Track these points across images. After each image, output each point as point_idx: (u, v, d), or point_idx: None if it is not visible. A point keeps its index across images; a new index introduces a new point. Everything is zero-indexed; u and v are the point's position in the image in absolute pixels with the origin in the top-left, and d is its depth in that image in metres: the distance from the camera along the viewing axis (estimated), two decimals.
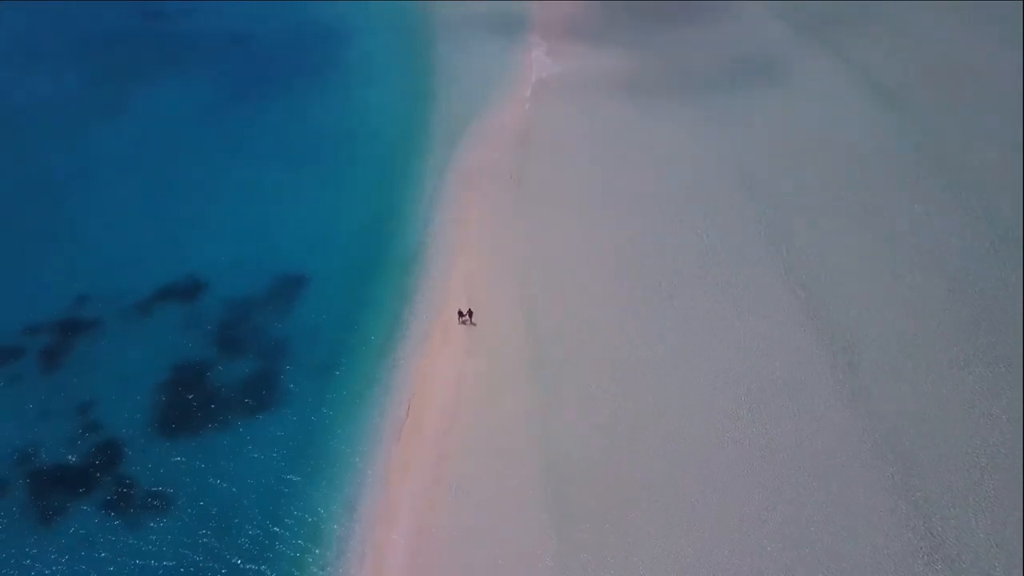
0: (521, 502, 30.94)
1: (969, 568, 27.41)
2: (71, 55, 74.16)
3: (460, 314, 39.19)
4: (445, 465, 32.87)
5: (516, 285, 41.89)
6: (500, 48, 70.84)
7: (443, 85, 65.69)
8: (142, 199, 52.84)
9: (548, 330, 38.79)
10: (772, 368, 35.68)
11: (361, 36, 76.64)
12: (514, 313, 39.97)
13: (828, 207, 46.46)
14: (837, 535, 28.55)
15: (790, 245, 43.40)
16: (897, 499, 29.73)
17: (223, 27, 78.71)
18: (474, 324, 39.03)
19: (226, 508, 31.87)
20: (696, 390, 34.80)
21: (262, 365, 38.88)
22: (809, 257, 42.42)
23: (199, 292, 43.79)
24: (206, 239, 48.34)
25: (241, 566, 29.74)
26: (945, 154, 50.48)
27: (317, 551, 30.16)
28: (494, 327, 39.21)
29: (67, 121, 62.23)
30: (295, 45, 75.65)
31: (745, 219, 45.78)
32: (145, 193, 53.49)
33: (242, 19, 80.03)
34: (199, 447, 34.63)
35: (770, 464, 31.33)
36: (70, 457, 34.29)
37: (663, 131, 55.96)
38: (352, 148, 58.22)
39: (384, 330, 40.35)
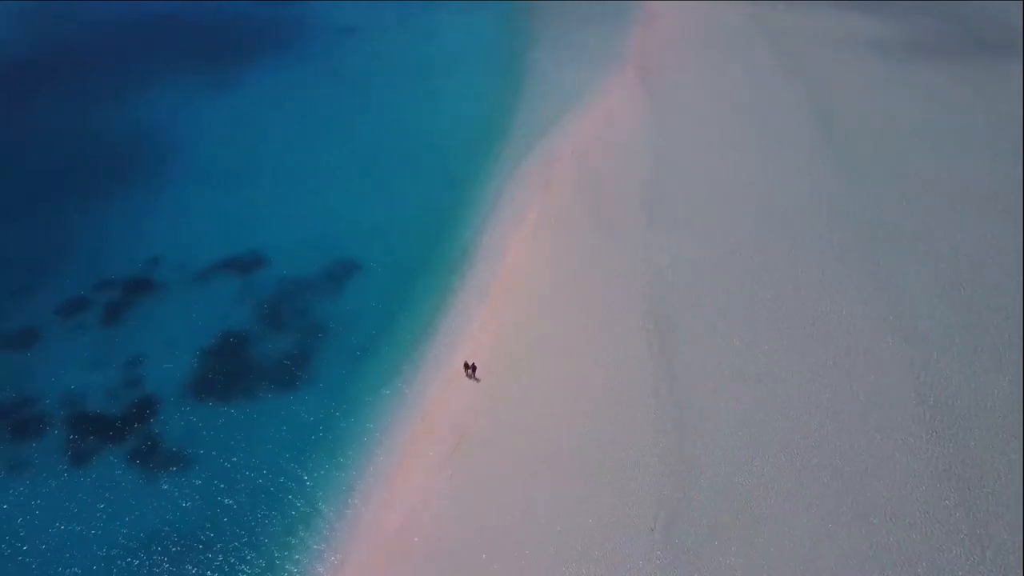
0: (521, 502, 31.02)
1: None
2: (182, 33, 79.47)
3: (466, 366, 37.17)
4: (455, 459, 33.20)
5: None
6: None
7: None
8: (228, 173, 55.83)
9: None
10: None
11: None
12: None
13: None
14: None
15: None
16: None
17: (333, 18, 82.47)
18: (477, 380, 36.92)
19: (239, 473, 33.26)
20: None
21: (300, 344, 40.19)
22: None
23: (258, 267, 45.79)
24: (277, 217, 50.55)
25: (240, 532, 30.94)
26: None
27: (310, 533, 30.86)
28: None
29: (172, 95, 66.69)
30: (401, 38, 78.42)
31: None
32: (232, 167, 56.50)
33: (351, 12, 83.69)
34: (227, 413, 36.24)
35: None
36: (110, 405, 36.64)
37: None
38: (434, 139, 59.66)
39: (420, 325, 40.99)
